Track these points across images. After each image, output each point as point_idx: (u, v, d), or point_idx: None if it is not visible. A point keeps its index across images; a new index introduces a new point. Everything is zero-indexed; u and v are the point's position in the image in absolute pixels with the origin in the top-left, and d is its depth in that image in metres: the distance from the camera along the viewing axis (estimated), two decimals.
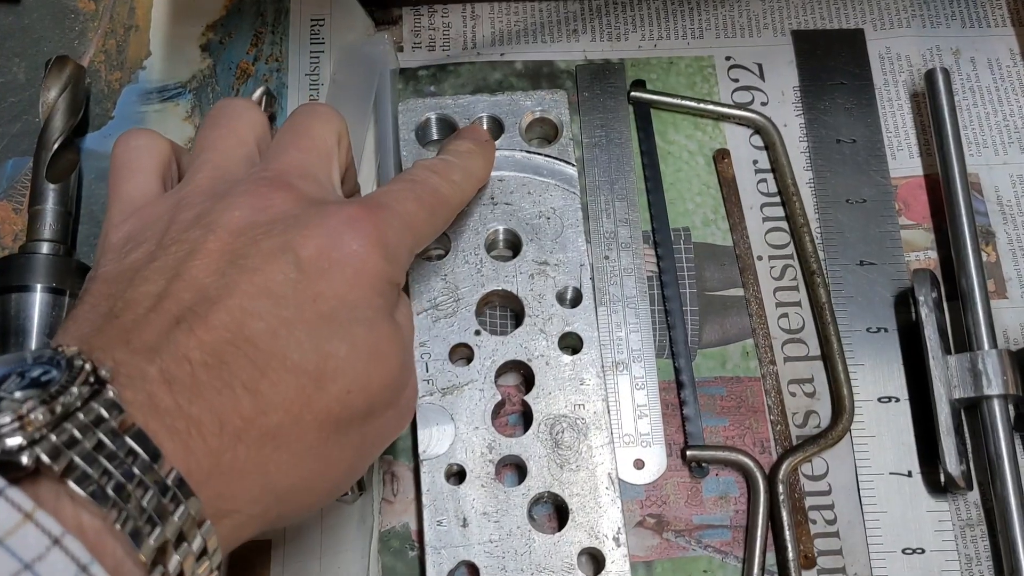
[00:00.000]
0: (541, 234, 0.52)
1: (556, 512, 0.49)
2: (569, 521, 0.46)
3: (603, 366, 0.50)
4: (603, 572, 0.45)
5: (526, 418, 0.50)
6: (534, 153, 0.54)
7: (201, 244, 0.35)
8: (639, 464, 0.50)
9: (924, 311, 0.50)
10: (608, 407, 0.49)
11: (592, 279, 0.51)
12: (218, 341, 0.32)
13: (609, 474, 0.47)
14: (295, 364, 0.33)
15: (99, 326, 0.33)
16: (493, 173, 0.53)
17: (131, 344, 0.32)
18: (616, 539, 0.46)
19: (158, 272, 0.34)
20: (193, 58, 0.58)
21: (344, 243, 0.36)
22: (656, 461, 0.50)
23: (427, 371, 0.49)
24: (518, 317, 0.52)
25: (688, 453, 0.50)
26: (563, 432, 0.48)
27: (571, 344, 0.50)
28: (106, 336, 0.32)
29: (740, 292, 0.54)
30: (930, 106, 0.56)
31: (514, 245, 0.53)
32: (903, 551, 0.48)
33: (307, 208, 0.37)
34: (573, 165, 0.53)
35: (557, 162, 0.53)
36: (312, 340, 0.34)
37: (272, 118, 0.54)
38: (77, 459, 0.28)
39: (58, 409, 0.28)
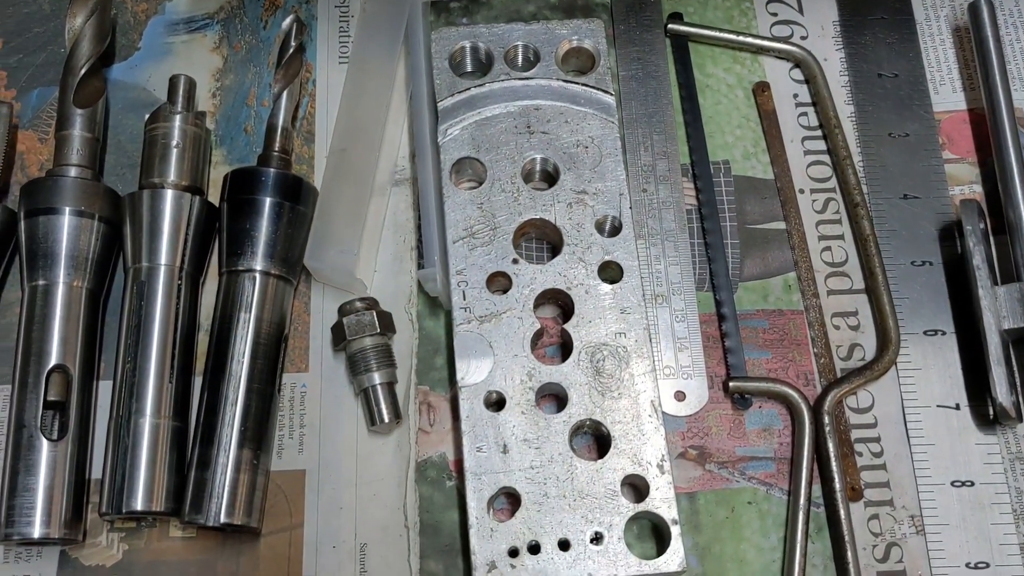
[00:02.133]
0: (579, 163, 0.51)
1: (595, 442, 0.48)
2: (612, 448, 0.45)
3: (644, 295, 0.48)
4: (647, 499, 0.44)
5: (564, 349, 0.49)
6: (571, 82, 0.52)
7: None
8: (680, 396, 0.49)
9: (972, 241, 0.49)
10: (650, 336, 0.48)
11: (631, 210, 0.50)
12: None
13: (652, 402, 0.46)
14: None
15: None
16: (529, 102, 0.52)
17: None
18: (660, 466, 0.45)
19: None
20: None
21: None
22: (697, 393, 0.49)
23: (464, 299, 0.48)
24: (555, 249, 0.51)
25: (731, 385, 0.48)
26: (604, 360, 0.47)
27: (610, 274, 0.49)
28: None
29: (781, 225, 0.53)
30: (974, 39, 0.55)
31: (550, 176, 0.52)
32: (952, 484, 0.47)
33: None
34: (611, 94, 0.52)
35: (594, 91, 0.52)
36: None
37: (301, 48, 0.53)
38: None
39: None
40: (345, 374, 0.49)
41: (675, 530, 0.44)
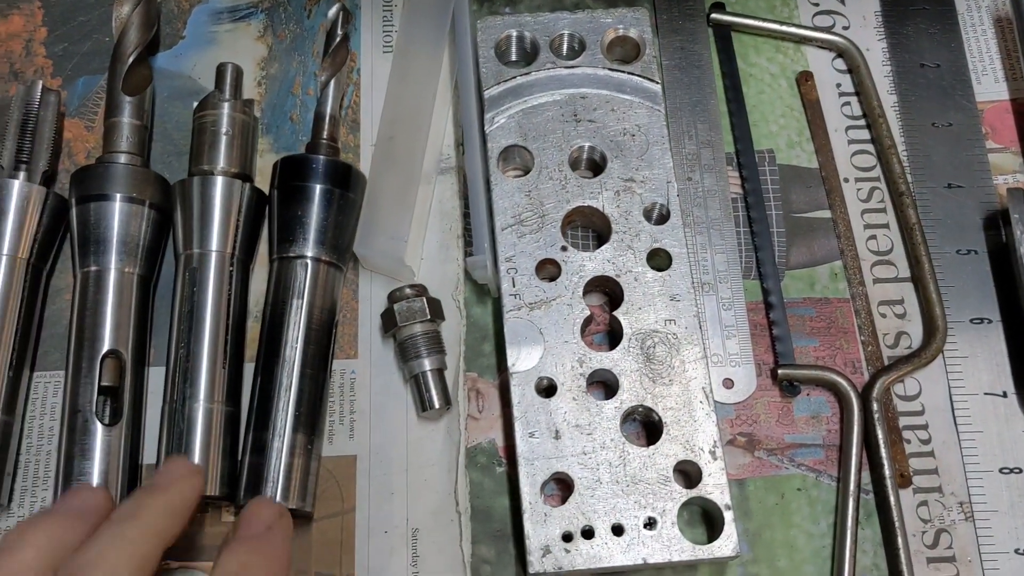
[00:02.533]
0: (626, 151, 0.51)
1: (644, 429, 0.48)
2: (663, 435, 0.45)
3: (693, 282, 0.49)
4: (700, 485, 0.44)
5: (611, 337, 0.49)
6: (617, 70, 0.52)
7: None
8: (728, 383, 0.49)
9: (1019, 229, 0.49)
10: (700, 323, 0.48)
11: (678, 198, 0.50)
12: None
13: (703, 388, 0.46)
14: None
15: None
16: (575, 90, 0.52)
17: None
18: (712, 452, 0.45)
19: None
20: None
21: None
22: (745, 380, 0.49)
23: (514, 286, 0.48)
24: (600, 237, 0.51)
25: (780, 372, 0.49)
26: (655, 347, 0.47)
27: (659, 262, 0.49)
28: None
29: (827, 214, 0.53)
30: (1017, 29, 0.55)
31: (596, 164, 0.52)
32: (1000, 471, 0.47)
33: None
34: (657, 82, 0.52)
35: (640, 79, 0.52)
36: None
37: (346, 37, 0.53)
38: None
39: None
40: (394, 361, 0.49)
41: (728, 515, 0.44)
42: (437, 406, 0.47)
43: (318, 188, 0.48)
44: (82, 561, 0.34)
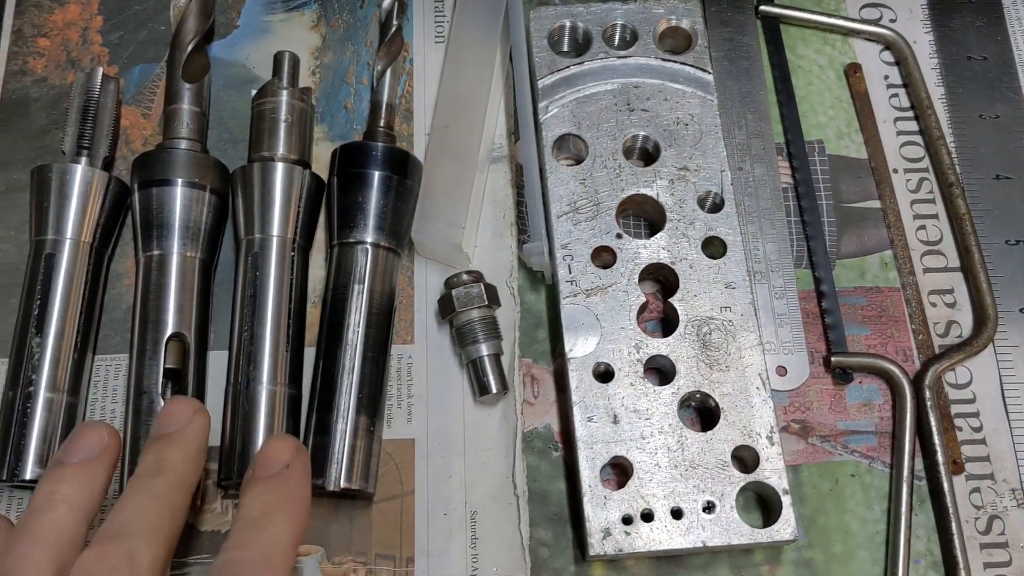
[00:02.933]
0: (679, 140, 0.51)
1: (698, 414, 0.48)
2: (721, 420, 0.46)
3: (747, 270, 0.49)
4: (757, 470, 0.45)
5: (664, 324, 0.50)
6: (669, 60, 0.53)
7: None
8: (781, 371, 0.49)
9: None
10: (756, 310, 0.48)
11: (732, 187, 0.51)
12: None
13: (759, 375, 0.47)
14: None
15: None
16: (629, 79, 0.52)
17: None
18: (769, 438, 0.45)
19: None
20: None
21: None
22: (798, 368, 0.49)
23: (570, 272, 0.49)
24: (652, 225, 0.52)
25: (833, 359, 0.49)
26: (711, 333, 0.47)
27: (713, 250, 0.50)
28: None
29: (876, 204, 0.53)
30: None
31: (648, 153, 0.52)
32: None
33: None
34: (709, 72, 0.53)
35: (693, 69, 0.53)
36: None
37: (400, 27, 0.53)
38: None
39: None
40: (450, 346, 0.49)
41: (786, 500, 0.44)
42: (495, 391, 0.47)
43: (377, 175, 0.48)
44: (120, 521, 0.35)
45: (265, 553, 0.35)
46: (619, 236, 0.49)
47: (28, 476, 0.44)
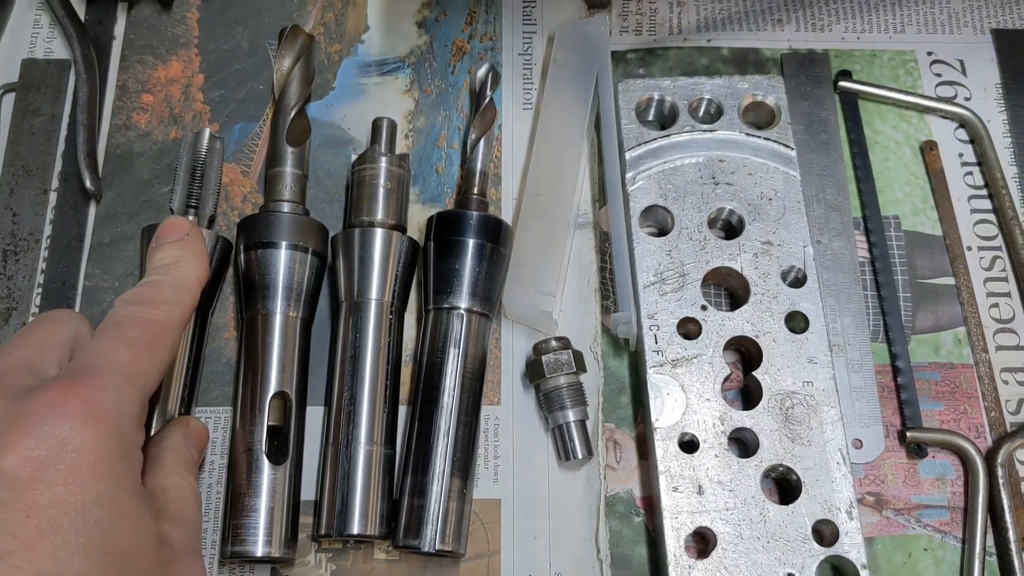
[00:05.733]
0: (763, 214, 0.53)
1: (777, 486, 0.50)
2: (802, 494, 0.47)
3: (828, 344, 0.51)
4: (837, 543, 0.46)
5: (744, 394, 0.52)
6: (753, 135, 0.55)
7: None
8: (857, 444, 0.51)
9: None
10: (836, 386, 0.50)
11: (815, 262, 0.52)
12: None
13: (840, 450, 0.48)
14: None
15: None
16: (714, 153, 0.54)
17: None
18: (849, 512, 0.47)
19: None
20: (410, 34, 0.60)
21: (49, 435, 0.33)
22: (874, 441, 0.51)
23: (656, 343, 0.50)
24: (733, 297, 0.53)
25: (908, 435, 0.51)
26: (793, 408, 0.49)
27: (795, 325, 0.51)
28: None
29: (951, 281, 0.55)
30: None
31: (731, 226, 0.54)
32: None
33: (8, 405, 0.34)
34: (792, 148, 0.54)
35: (777, 144, 0.54)
36: (35, 566, 0.31)
37: (491, 99, 0.55)
38: None
39: None
40: (535, 408, 0.51)
41: (864, 574, 0.46)
42: (581, 456, 0.49)
43: (472, 243, 0.50)
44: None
45: (178, 278, 0.43)
46: (704, 307, 0.51)
47: None
